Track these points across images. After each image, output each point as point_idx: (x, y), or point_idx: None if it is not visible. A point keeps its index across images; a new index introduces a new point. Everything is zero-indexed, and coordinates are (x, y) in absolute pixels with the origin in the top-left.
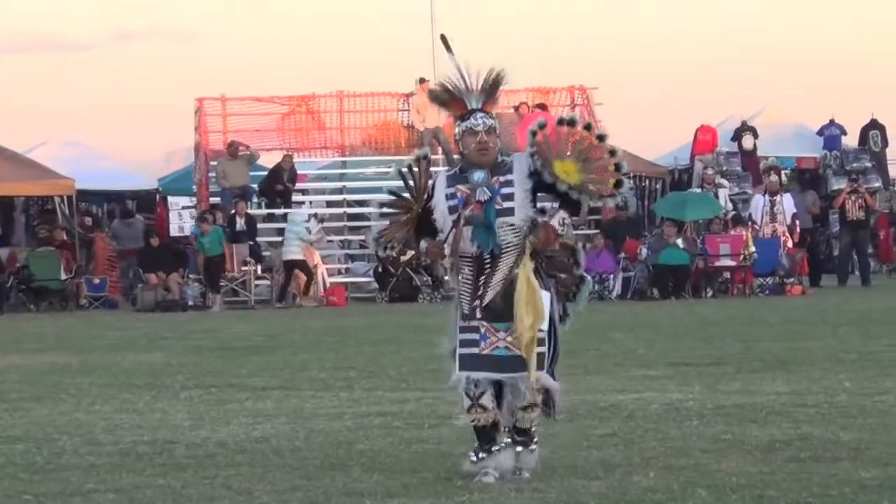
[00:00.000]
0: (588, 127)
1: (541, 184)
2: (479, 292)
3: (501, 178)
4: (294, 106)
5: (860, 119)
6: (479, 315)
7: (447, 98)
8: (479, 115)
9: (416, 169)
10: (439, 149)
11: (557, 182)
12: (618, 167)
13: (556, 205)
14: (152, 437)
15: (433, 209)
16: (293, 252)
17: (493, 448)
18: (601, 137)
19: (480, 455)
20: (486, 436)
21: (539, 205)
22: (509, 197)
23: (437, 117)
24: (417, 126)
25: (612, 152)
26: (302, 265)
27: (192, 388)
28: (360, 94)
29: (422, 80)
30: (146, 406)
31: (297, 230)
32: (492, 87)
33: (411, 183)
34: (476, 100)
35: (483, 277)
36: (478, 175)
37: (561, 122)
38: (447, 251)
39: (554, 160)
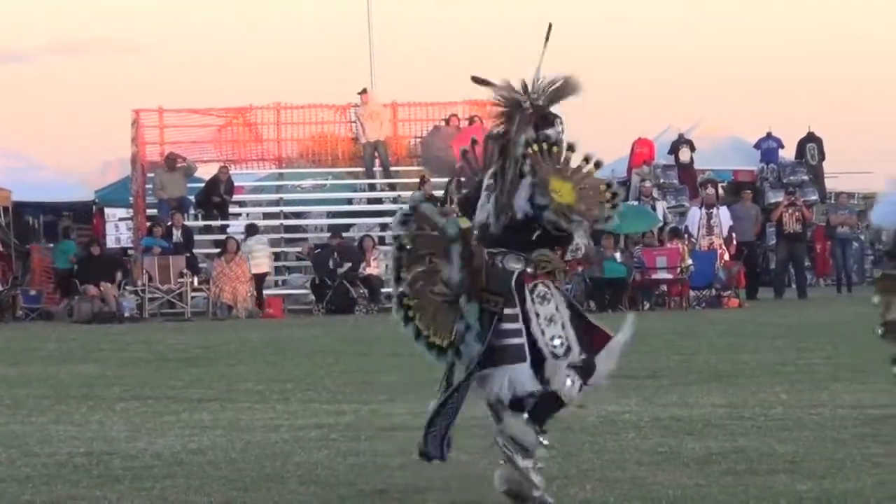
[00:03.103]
0: (571, 147)
1: None
2: None
3: None
4: (231, 118)
5: (797, 132)
6: None
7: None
8: None
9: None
10: (378, 162)
11: (551, 202)
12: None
13: None
14: (88, 448)
15: None
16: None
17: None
18: (588, 159)
19: None
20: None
21: None
22: None
23: (379, 130)
24: (360, 138)
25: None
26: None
27: (129, 399)
28: (298, 105)
29: (363, 91)
30: (82, 418)
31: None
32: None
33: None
34: None
35: None
36: None
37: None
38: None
39: (551, 175)
